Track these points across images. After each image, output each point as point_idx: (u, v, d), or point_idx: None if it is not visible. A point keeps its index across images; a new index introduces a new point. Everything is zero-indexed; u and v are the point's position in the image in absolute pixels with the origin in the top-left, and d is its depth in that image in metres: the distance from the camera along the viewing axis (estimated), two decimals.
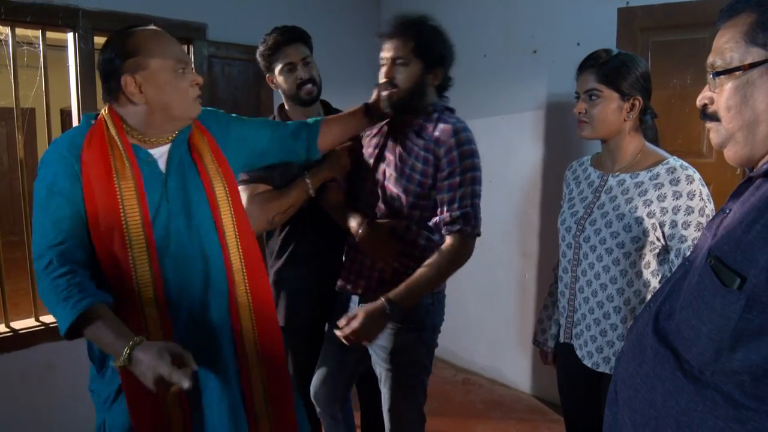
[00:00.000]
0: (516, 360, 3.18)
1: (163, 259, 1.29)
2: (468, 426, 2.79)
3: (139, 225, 1.25)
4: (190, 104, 1.33)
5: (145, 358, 1.11)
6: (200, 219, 1.36)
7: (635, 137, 1.51)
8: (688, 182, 1.39)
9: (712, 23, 2.57)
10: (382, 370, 1.71)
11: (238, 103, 3.02)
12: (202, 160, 1.40)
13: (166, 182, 1.34)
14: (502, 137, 3.08)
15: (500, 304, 3.19)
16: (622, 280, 1.47)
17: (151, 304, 1.26)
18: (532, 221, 3.02)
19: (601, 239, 1.49)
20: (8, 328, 2.46)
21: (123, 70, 1.25)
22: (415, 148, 1.62)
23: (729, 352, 0.75)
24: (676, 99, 2.33)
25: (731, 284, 0.75)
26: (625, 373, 0.94)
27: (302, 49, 1.88)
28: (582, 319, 1.55)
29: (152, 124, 1.32)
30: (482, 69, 3.14)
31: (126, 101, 1.29)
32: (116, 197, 1.25)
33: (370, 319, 1.47)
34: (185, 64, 1.31)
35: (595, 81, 1.47)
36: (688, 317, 0.82)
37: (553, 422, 2.82)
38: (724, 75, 0.85)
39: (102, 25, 2.52)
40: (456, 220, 1.57)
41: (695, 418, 0.78)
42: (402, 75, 1.58)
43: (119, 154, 1.28)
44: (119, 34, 1.30)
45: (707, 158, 2.29)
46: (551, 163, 2.92)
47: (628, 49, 2.38)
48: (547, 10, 2.84)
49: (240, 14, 2.99)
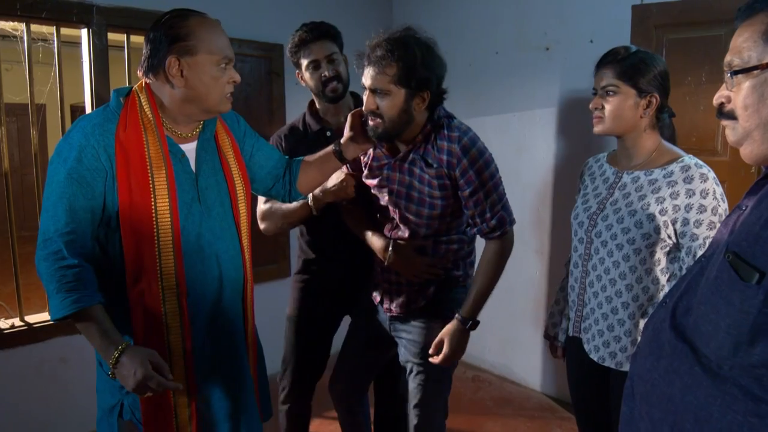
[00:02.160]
0: (526, 357, 3.17)
1: (187, 254, 1.31)
2: (478, 423, 2.79)
3: (168, 219, 1.27)
4: (224, 100, 1.35)
5: (130, 363, 1.18)
6: (225, 219, 1.40)
7: (652, 135, 1.50)
8: (701, 181, 1.39)
9: (728, 20, 2.55)
10: (413, 365, 1.73)
11: (250, 99, 3.03)
12: (228, 161, 1.43)
13: (197, 182, 1.36)
14: (514, 134, 3.08)
15: (511, 301, 3.19)
16: (632, 277, 1.47)
17: (173, 298, 1.28)
18: (543, 219, 3.02)
19: (612, 235, 1.49)
20: (22, 321, 2.49)
21: (171, 50, 1.26)
22: (426, 177, 1.58)
23: (747, 347, 0.76)
24: (690, 97, 2.31)
25: (750, 279, 0.76)
26: (642, 368, 0.95)
27: (328, 45, 1.85)
28: (591, 314, 1.56)
29: (183, 110, 1.33)
30: (495, 66, 3.13)
31: (164, 81, 1.30)
32: (149, 187, 1.26)
33: (455, 342, 1.61)
34: (229, 60, 1.33)
35: (612, 77, 1.47)
36: (706, 312, 0.83)
37: (563, 420, 2.81)
38: (741, 74, 0.85)
39: (116, 21, 2.53)
40: (494, 228, 1.60)
41: (714, 412, 0.79)
42: (385, 104, 1.49)
43: (153, 140, 1.29)
44: (175, 14, 1.30)
45: (722, 156, 2.28)
46: (564, 160, 2.91)
47: (642, 46, 2.37)
48: (560, 6, 2.82)
49: (253, 11, 3.00)
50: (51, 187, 1.25)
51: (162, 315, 1.28)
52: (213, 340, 1.38)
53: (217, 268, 1.36)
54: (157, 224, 1.26)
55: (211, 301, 1.36)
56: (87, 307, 1.21)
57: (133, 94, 1.32)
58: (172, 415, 1.33)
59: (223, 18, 3.16)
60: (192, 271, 1.31)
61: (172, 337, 1.30)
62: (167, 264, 1.27)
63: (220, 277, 1.37)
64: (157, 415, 1.31)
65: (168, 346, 1.29)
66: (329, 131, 1.92)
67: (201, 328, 1.35)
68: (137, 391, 1.19)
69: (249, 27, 2.96)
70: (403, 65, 1.45)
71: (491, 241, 1.63)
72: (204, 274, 1.34)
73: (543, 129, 2.96)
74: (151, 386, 1.18)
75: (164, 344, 1.29)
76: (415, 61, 1.46)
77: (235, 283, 1.41)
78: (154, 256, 1.26)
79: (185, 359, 1.32)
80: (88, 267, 1.24)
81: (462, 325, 1.61)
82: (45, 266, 1.23)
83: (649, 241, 1.43)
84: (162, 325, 1.28)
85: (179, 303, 1.29)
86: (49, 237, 1.23)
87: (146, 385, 1.18)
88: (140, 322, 1.28)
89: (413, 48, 1.47)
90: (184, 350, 1.31)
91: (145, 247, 1.26)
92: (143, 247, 1.26)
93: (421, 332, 1.69)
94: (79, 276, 1.21)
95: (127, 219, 1.25)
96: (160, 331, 1.28)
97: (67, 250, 1.22)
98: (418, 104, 1.51)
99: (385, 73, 1.46)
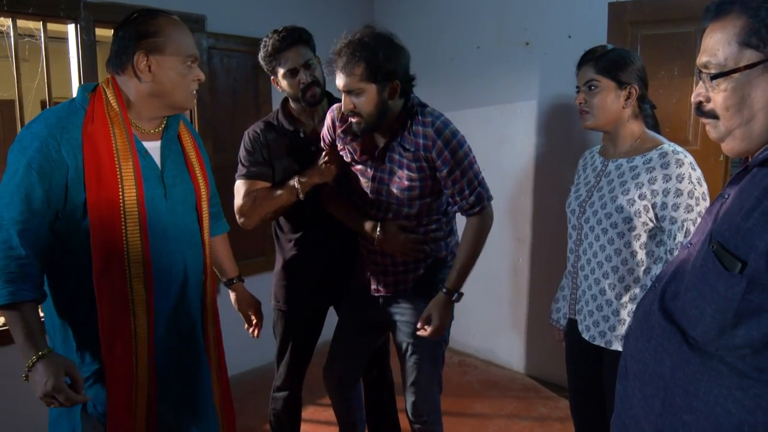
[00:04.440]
0: (510, 341, 3.30)
1: (153, 245, 1.36)
2: (467, 404, 2.91)
3: (135, 209, 1.32)
4: (190, 96, 1.41)
5: (44, 371, 1.20)
6: (189, 215, 1.47)
7: (635, 124, 1.61)
8: (677, 166, 1.48)
9: (698, 18, 2.71)
10: (408, 345, 1.82)
11: (237, 94, 3.06)
12: (191, 161, 1.50)
13: (162, 177, 1.41)
14: (495, 127, 3.18)
15: (494, 288, 3.30)
16: (617, 259, 1.57)
17: (140, 285, 1.33)
18: (524, 207, 3.14)
19: (598, 220, 1.59)
20: None
21: (139, 46, 1.31)
22: (405, 161, 1.69)
23: (731, 329, 0.82)
24: (663, 89, 2.45)
25: (733, 269, 0.80)
26: (634, 349, 1.00)
27: (303, 51, 1.86)
28: (582, 296, 1.66)
29: (149, 105, 1.38)
30: (476, 60, 3.23)
31: (131, 75, 1.34)
32: (116, 178, 1.30)
33: (443, 313, 1.71)
34: (195, 59, 1.39)
35: (593, 72, 1.58)
36: (692, 298, 0.87)
37: (547, 399, 2.95)
38: (720, 77, 0.87)
39: (103, 16, 2.53)
40: (473, 204, 1.71)
41: (702, 386, 0.85)
42: (361, 102, 1.61)
43: (120, 132, 1.33)
44: (144, 13, 1.36)
45: (693, 146, 2.42)
46: (543, 151, 3.03)
47: (618, 41, 2.50)
48: (539, 3, 2.93)
49: (239, 6, 3.02)
50: (9, 175, 1.27)
51: (129, 302, 1.32)
52: (175, 329, 1.44)
53: (181, 259, 1.42)
54: (124, 213, 1.30)
55: (175, 292, 1.42)
56: (20, 302, 1.23)
57: (99, 89, 1.36)
58: (133, 405, 1.36)
59: (209, 14, 3.17)
60: (158, 261, 1.36)
61: (138, 322, 1.33)
62: (135, 252, 1.32)
63: (184, 270, 1.43)
64: (119, 403, 1.34)
65: (134, 330, 1.33)
66: (302, 132, 1.94)
67: (163, 315, 1.40)
68: (44, 400, 1.22)
69: (235, 22, 2.98)
70: (367, 64, 1.57)
71: (472, 217, 1.73)
72: (169, 265, 1.40)
73: (523, 121, 3.07)
74: (59, 399, 1.20)
75: (131, 329, 1.33)
76: (377, 58, 1.58)
77: (196, 277, 1.48)
78: (121, 245, 1.30)
79: (148, 347, 1.36)
80: (34, 263, 1.26)
81: (448, 297, 1.72)
82: None
83: (630, 224, 1.53)
84: (129, 311, 1.32)
85: (146, 289, 1.33)
86: (2, 224, 1.25)
87: (54, 396, 1.20)
88: (106, 309, 1.31)
89: (373, 46, 1.59)
90: (148, 337, 1.35)
91: (113, 236, 1.30)
92: (111, 236, 1.29)
93: (414, 313, 1.79)
94: (23, 269, 1.24)
95: (95, 209, 1.28)
96: (127, 316, 1.32)
97: (19, 239, 1.24)
98: (390, 95, 1.63)
99: (353, 74, 1.58)
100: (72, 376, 1.24)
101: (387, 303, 1.85)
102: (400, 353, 1.86)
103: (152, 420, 1.40)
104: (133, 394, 1.35)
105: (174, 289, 1.42)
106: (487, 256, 3.27)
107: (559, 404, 2.88)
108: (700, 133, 2.41)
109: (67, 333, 1.38)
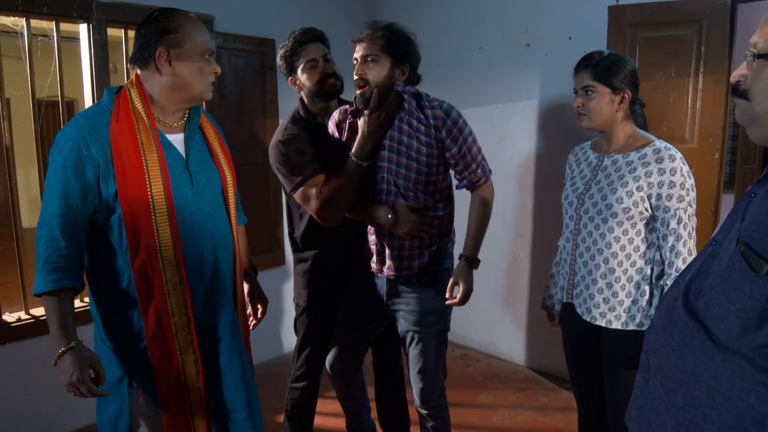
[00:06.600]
0: (511, 334, 3.39)
1: (183, 230, 1.44)
2: (470, 396, 2.99)
3: (162, 198, 1.40)
4: (207, 87, 1.49)
5: (72, 362, 1.31)
6: (215, 201, 1.55)
7: (627, 124, 1.76)
8: (670, 161, 1.64)
9: (695, 21, 2.80)
10: (413, 334, 1.89)
11: (245, 93, 3.11)
12: (215, 150, 1.59)
13: (187, 166, 1.49)
14: (497, 125, 3.26)
15: (495, 282, 3.39)
16: (616, 246, 1.70)
17: (173, 268, 1.41)
18: (526, 204, 3.22)
19: (597, 210, 1.72)
20: (28, 315, 2.52)
21: (160, 42, 1.41)
22: (415, 132, 1.79)
23: (755, 329, 0.82)
24: (661, 90, 2.54)
25: (760, 270, 0.80)
26: (656, 342, 1.01)
27: (322, 47, 1.97)
28: (581, 281, 1.78)
29: (171, 98, 1.46)
30: (478, 60, 3.31)
31: (153, 70, 1.43)
32: (143, 168, 1.39)
33: (467, 278, 1.86)
34: (211, 53, 1.48)
35: (590, 78, 1.71)
36: (717, 297, 0.87)
37: (548, 390, 3.04)
38: (764, 58, 0.86)
39: (115, 16, 2.57)
40: (480, 177, 1.89)
41: (724, 381, 0.85)
42: (372, 71, 1.72)
43: (144, 128, 1.42)
44: (164, 11, 1.45)
45: (689, 144, 2.52)
46: (544, 149, 3.12)
47: (617, 43, 2.59)
48: (540, 5, 3.01)
49: (247, 6, 3.07)
50: (49, 175, 1.38)
51: (164, 283, 1.40)
52: (213, 308, 1.51)
53: (211, 243, 1.50)
54: (153, 203, 1.39)
55: (209, 273, 1.50)
56: (60, 290, 1.34)
57: (123, 89, 1.46)
58: (182, 374, 1.45)
59: (217, 14, 3.22)
60: (188, 245, 1.45)
61: (174, 301, 1.42)
62: (165, 238, 1.40)
63: (214, 251, 1.51)
64: (167, 376, 1.43)
65: (171, 310, 1.42)
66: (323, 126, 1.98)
67: (199, 296, 1.48)
68: (67, 387, 1.32)
69: (242, 23, 3.03)
70: (388, 38, 1.74)
71: (477, 191, 1.89)
72: (199, 249, 1.47)
73: (524, 120, 3.16)
74: (81, 390, 1.31)
75: (168, 310, 1.42)
76: (399, 36, 1.76)
77: (227, 260, 1.55)
78: (152, 233, 1.39)
79: (188, 323, 1.44)
80: (74, 254, 1.37)
81: (468, 263, 1.87)
82: (39, 245, 1.36)
83: (628, 214, 1.66)
84: (164, 292, 1.41)
85: (178, 272, 1.42)
86: (45, 219, 1.36)
87: (77, 387, 1.31)
88: (144, 291, 1.40)
89: (396, 30, 1.77)
90: (186, 316, 1.44)
91: (144, 225, 1.38)
92: (142, 225, 1.38)
93: (418, 301, 1.87)
94: (64, 260, 1.35)
95: (125, 200, 1.37)
96: (163, 297, 1.41)
97: (60, 232, 1.35)
98: (399, 74, 1.77)
99: (374, 42, 1.73)
100: (96, 370, 1.34)
101: (391, 292, 1.91)
102: (405, 343, 1.93)
103: (202, 389, 1.47)
104: (178, 362, 1.44)
105: (207, 270, 1.49)
106: (488, 251, 3.37)
107: (559, 395, 2.97)
108: (696, 131, 2.51)
109: (110, 317, 1.46)
